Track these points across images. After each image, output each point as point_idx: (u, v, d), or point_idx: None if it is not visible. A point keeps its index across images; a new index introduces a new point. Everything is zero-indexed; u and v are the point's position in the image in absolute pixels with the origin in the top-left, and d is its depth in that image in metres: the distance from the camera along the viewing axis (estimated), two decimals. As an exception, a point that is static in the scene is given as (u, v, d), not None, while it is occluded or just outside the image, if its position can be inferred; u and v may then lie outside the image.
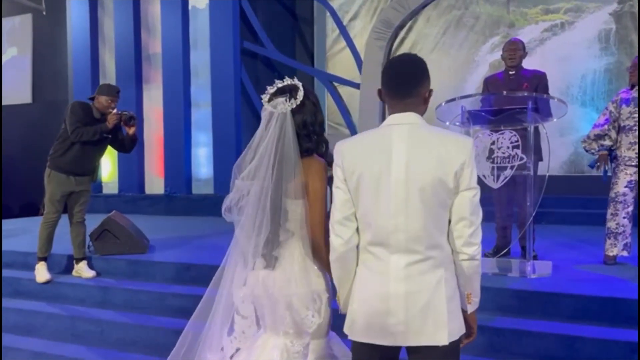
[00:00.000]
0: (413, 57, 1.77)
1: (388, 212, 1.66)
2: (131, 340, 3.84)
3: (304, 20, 9.27)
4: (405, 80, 1.72)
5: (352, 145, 1.76)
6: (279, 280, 1.92)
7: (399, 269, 1.66)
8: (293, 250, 1.94)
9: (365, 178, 1.69)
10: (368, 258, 1.72)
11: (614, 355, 2.89)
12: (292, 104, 1.92)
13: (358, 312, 1.71)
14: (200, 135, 8.51)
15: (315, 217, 1.90)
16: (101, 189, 8.99)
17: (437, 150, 1.66)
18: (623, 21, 6.89)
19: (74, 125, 4.33)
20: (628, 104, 4.08)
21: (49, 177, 4.49)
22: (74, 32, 9.07)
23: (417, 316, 1.65)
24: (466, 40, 7.76)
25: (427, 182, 1.64)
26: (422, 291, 1.65)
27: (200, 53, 8.41)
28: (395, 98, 1.73)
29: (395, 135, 1.69)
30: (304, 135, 1.93)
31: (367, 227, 1.71)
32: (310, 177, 1.90)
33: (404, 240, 1.66)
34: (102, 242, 4.83)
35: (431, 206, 1.65)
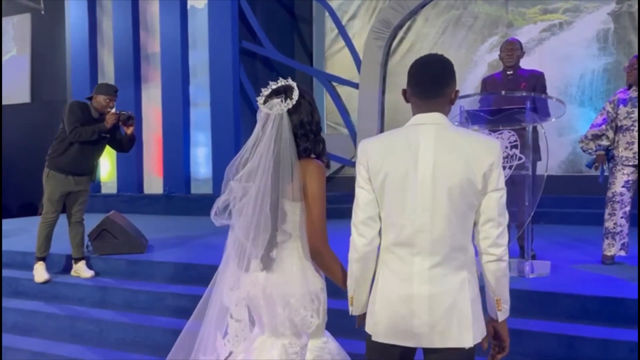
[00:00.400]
0: (441, 57, 1.76)
1: (414, 212, 1.65)
2: (130, 340, 3.85)
3: (302, 20, 9.27)
4: (433, 81, 1.72)
5: (377, 144, 1.75)
6: (276, 282, 1.92)
7: (423, 270, 1.65)
8: (291, 252, 1.93)
9: (391, 178, 1.67)
10: (391, 259, 1.70)
11: (612, 354, 2.90)
12: (288, 104, 1.91)
13: (381, 314, 1.70)
14: (199, 135, 8.50)
15: (314, 220, 1.89)
16: (100, 188, 8.98)
17: (465, 152, 1.65)
18: (621, 21, 6.90)
19: (72, 125, 4.32)
20: (625, 104, 4.08)
21: (48, 176, 4.49)
22: (73, 31, 9.05)
23: (442, 318, 1.64)
24: (465, 40, 7.76)
25: (454, 183, 1.63)
26: (446, 293, 1.65)
27: (199, 53, 8.40)
28: (422, 98, 1.72)
29: (422, 135, 1.68)
30: (301, 135, 1.92)
31: (391, 227, 1.69)
32: (309, 179, 1.89)
33: (429, 241, 1.65)
34: (101, 242, 4.83)
35: (458, 207, 1.65)
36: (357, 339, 2.09)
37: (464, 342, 1.65)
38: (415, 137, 1.68)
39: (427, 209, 1.64)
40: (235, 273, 1.97)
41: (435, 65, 1.74)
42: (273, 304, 1.92)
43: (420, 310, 1.64)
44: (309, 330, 1.92)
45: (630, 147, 4.03)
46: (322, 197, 1.90)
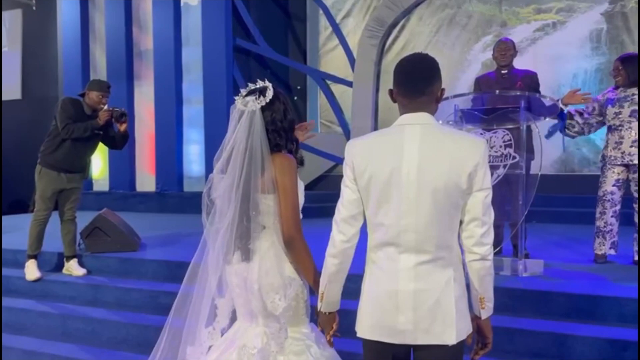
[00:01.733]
0: (425, 56, 1.77)
1: (398, 212, 1.67)
2: (122, 339, 3.83)
3: (296, 18, 9.25)
4: (418, 79, 1.72)
5: (363, 144, 1.77)
6: (255, 272, 2.01)
7: (408, 268, 1.68)
8: (266, 242, 2.03)
9: (377, 178, 1.69)
10: (378, 257, 1.73)
11: (605, 353, 2.92)
12: (261, 101, 2.01)
13: (367, 310, 1.74)
14: (191, 133, 8.47)
15: (288, 211, 1.98)
16: (92, 186, 8.92)
17: (451, 151, 1.66)
18: (614, 21, 6.93)
19: (64, 121, 4.29)
20: (613, 104, 4.11)
21: (40, 174, 4.45)
22: (65, 27, 8.98)
23: (426, 315, 1.66)
24: (459, 39, 7.77)
25: (439, 183, 1.64)
26: (431, 290, 1.67)
27: (192, 50, 8.36)
28: (407, 97, 1.73)
29: (408, 135, 1.69)
30: (272, 130, 2.01)
31: (378, 227, 1.72)
32: (279, 172, 1.98)
33: (414, 240, 1.67)
34: (93, 240, 4.80)
35: (443, 207, 1.66)
36: (351, 337, 2.09)
37: (447, 339, 1.67)
38: (400, 137, 1.70)
39: (412, 209, 1.66)
40: (217, 266, 2.05)
41: (419, 64, 1.74)
42: (251, 292, 2.02)
43: (404, 306, 1.67)
44: (277, 312, 1.99)
45: (619, 147, 4.05)
46: (292, 189, 2.00)
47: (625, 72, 4.06)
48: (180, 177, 8.42)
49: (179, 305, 2.13)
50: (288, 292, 2.00)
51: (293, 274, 2.04)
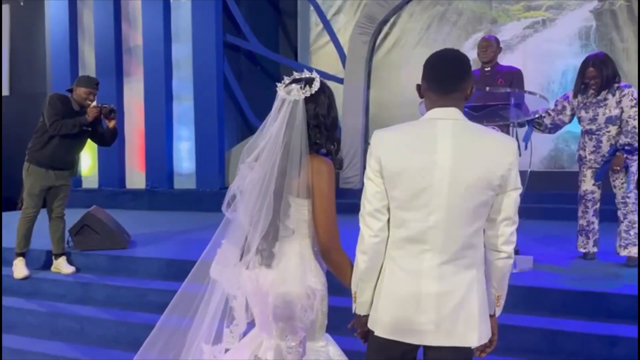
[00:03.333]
0: (458, 52, 1.75)
1: (428, 208, 1.62)
2: (112, 337, 3.80)
3: (287, 14, 9.21)
4: (451, 76, 1.70)
5: (392, 136, 1.71)
6: (273, 279, 1.86)
7: (432, 267, 1.64)
8: (291, 249, 1.87)
9: (407, 171, 1.64)
10: (399, 254, 1.68)
11: (594, 348, 2.94)
12: (306, 91, 1.87)
13: (385, 309, 1.69)
14: (182, 129, 8.42)
15: (324, 219, 1.83)
16: (81, 183, 8.85)
17: (485, 150, 1.64)
18: (603, 18, 6.97)
19: (52, 118, 4.24)
20: (587, 110, 4.06)
21: (28, 171, 4.41)
22: (53, 23, 8.88)
23: (449, 316, 1.63)
24: (449, 35, 7.78)
25: (472, 181, 1.61)
26: (455, 291, 1.63)
27: (182, 46, 8.30)
28: (439, 93, 1.69)
29: (440, 130, 1.65)
30: (314, 126, 1.86)
31: (403, 223, 1.66)
32: (316, 177, 1.83)
33: (441, 239, 1.63)
34: (82, 238, 4.76)
35: (473, 206, 1.63)
36: (342, 334, 2.08)
37: (470, 342, 1.65)
38: (432, 131, 1.66)
39: (443, 206, 1.62)
40: (235, 267, 1.90)
41: (452, 61, 1.72)
42: (267, 301, 1.87)
43: (427, 307, 1.63)
44: (302, 325, 1.86)
45: (597, 150, 4.06)
46: (329, 195, 1.84)
47: (601, 79, 3.95)
48: (170, 174, 8.37)
49: (181, 304, 1.97)
50: (311, 303, 1.85)
51: (316, 284, 1.87)
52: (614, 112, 3.97)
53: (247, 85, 8.57)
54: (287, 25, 9.23)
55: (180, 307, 1.97)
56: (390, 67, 8.06)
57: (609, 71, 3.99)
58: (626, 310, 3.14)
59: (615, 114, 3.97)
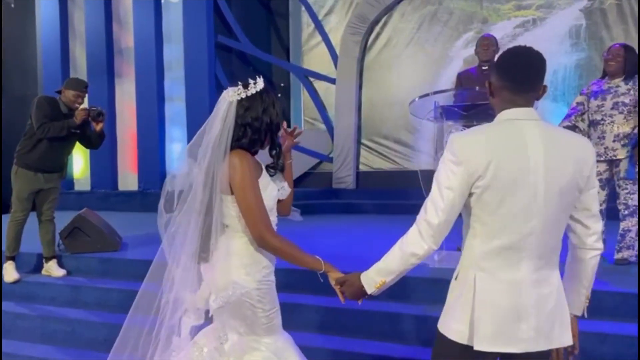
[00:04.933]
0: (535, 50, 1.70)
1: (526, 214, 1.58)
2: (103, 339, 3.78)
3: (279, 15, 9.21)
4: (532, 73, 1.66)
5: (477, 140, 1.62)
6: (208, 273, 1.95)
7: (530, 274, 1.61)
8: (223, 244, 1.94)
9: (501, 177, 1.57)
10: (494, 265, 1.62)
11: (583, 345, 2.93)
12: (240, 93, 1.94)
13: (485, 322, 1.61)
14: (174, 131, 8.41)
15: (249, 210, 1.87)
16: (73, 185, 8.82)
17: (572, 152, 1.62)
18: (593, 17, 7.01)
19: (40, 120, 4.21)
20: (596, 97, 3.99)
21: (16, 174, 4.38)
22: (44, 25, 8.85)
23: (547, 320, 1.62)
24: (440, 35, 7.81)
25: (564, 184, 1.60)
26: (550, 295, 1.64)
27: (173, 47, 8.29)
28: (518, 92, 1.64)
29: (527, 132, 1.60)
30: (240, 124, 1.92)
31: (497, 231, 1.60)
32: (231, 170, 1.87)
33: (536, 245, 1.60)
34: (73, 240, 4.73)
35: (564, 208, 1.63)
36: (332, 334, 2.08)
37: (566, 342, 1.66)
38: (520, 134, 1.60)
39: (540, 211, 1.58)
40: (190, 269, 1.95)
41: (535, 59, 1.67)
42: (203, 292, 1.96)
43: (527, 315, 1.61)
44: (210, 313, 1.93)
45: (601, 142, 3.94)
46: (243, 186, 1.87)
47: (623, 61, 3.90)
48: (162, 176, 8.33)
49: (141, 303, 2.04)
50: (224, 294, 1.91)
51: (247, 281, 1.92)
52: (622, 99, 3.88)
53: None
54: (278, 25, 9.24)
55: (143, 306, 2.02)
56: (382, 67, 8.08)
57: (632, 55, 3.91)
58: (615, 307, 3.16)
59: (624, 101, 3.87)
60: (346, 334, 3.32)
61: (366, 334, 3.31)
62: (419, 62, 7.76)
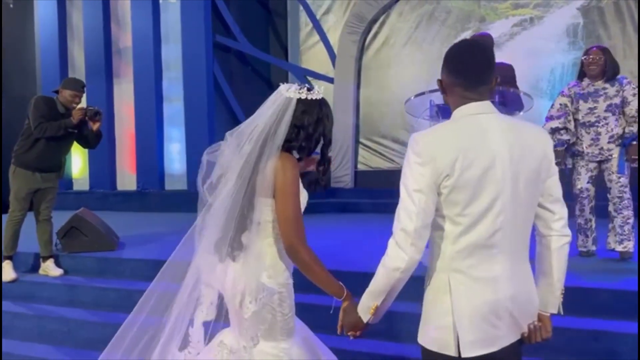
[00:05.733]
0: (481, 43, 1.67)
1: (495, 210, 1.54)
2: (100, 339, 3.73)
3: (277, 14, 9.22)
4: (482, 67, 1.62)
5: (441, 138, 1.58)
6: (231, 276, 1.88)
7: (505, 271, 1.58)
8: (254, 244, 1.87)
9: (469, 175, 1.52)
10: (469, 264, 1.56)
11: (576, 343, 2.96)
12: (302, 93, 1.89)
13: (464, 325, 1.55)
14: (172, 131, 8.42)
15: (286, 214, 1.81)
16: (72, 185, 8.83)
17: (532, 140, 1.60)
18: (590, 16, 7.01)
19: (37, 120, 4.23)
20: (586, 99, 4.02)
21: (14, 173, 4.40)
22: (42, 25, 8.87)
23: (519, 313, 1.61)
24: (438, 34, 7.81)
25: (529, 174, 1.58)
26: (524, 290, 1.62)
27: (171, 47, 8.30)
28: (471, 86, 1.60)
29: (488, 126, 1.57)
30: (294, 125, 1.87)
31: (468, 229, 1.55)
32: (280, 170, 1.82)
33: (509, 239, 1.57)
34: (70, 240, 4.75)
35: (530, 200, 1.60)
36: (330, 333, 2.08)
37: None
38: (481, 129, 1.57)
39: (508, 204, 1.55)
40: (213, 263, 1.91)
41: (481, 52, 1.64)
42: (229, 295, 1.90)
43: (505, 313, 1.58)
44: (246, 316, 1.85)
45: (596, 143, 3.99)
46: (288, 192, 1.81)
47: (604, 63, 3.96)
48: (161, 176, 8.36)
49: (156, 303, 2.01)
50: (259, 297, 1.83)
51: (270, 283, 1.86)
52: (614, 101, 3.93)
53: (238, 85, 8.57)
54: (277, 25, 9.24)
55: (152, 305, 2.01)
56: (380, 66, 8.09)
57: (610, 57, 3.98)
58: (608, 305, 3.17)
59: (615, 102, 3.93)
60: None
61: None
62: (416, 61, 7.76)
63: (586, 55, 4.08)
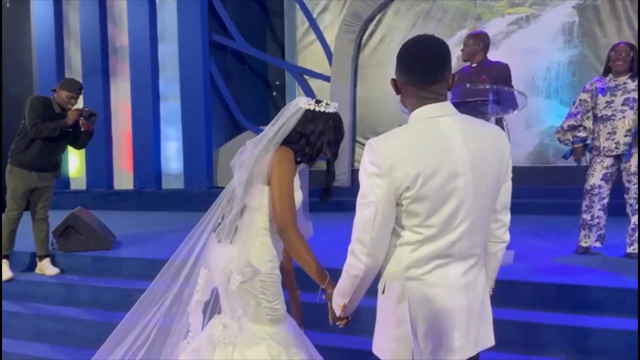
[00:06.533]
0: (433, 37, 1.55)
1: (455, 220, 1.48)
2: (96, 338, 3.75)
3: (274, 13, 9.22)
4: (431, 65, 1.51)
5: (399, 146, 1.47)
6: (226, 258, 2.03)
7: (458, 277, 1.52)
8: (246, 224, 2.04)
9: (429, 187, 1.44)
10: (424, 271, 1.50)
11: (569, 340, 2.98)
12: (310, 105, 2.07)
13: (420, 334, 1.51)
14: (169, 130, 8.42)
15: (276, 202, 1.96)
16: (69, 185, 8.83)
17: (491, 143, 1.54)
18: (586, 14, 7.02)
19: (33, 120, 4.25)
20: (604, 94, 3.99)
21: (10, 173, 4.41)
22: (39, 25, 8.86)
23: (474, 324, 1.56)
24: (434, 33, 7.53)
25: (490, 180, 1.52)
26: (478, 296, 1.57)
27: (168, 46, 8.30)
28: (420, 86, 1.51)
29: (447, 130, 1.49)
30: (297, 131, 2.05)
31: (430, 239, 1.48)
32: (277, 161, 1.98)
33: (467, 246, 1.52)
34: (66, 239, 4.76)
35: (489, 206, 1.55)
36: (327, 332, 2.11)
37: (490, 342, 1.63)
38: (441, 134, 1.48)
39: (469, 214, 1.49)
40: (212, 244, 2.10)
41: (434, 47, 1.53)
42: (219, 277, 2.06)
43: (460, 319, 1.52)
44: (234, 287, 1.99)
45: (612, 137, 3.95)
46: (284, 180, 1.97)
47: (631, 60, 3.91)
48: (158, 175, 8.36)
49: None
50: (245, 270, 1.98)
51: (258, 264, 2.01)
52: (632, 95, 3.90)
53: (235, 84, 8.57)
54: (273, 23, 9.24)
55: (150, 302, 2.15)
56: (376, 65, 8.09)
57: (638, 54, 3.93)
58: (600, 302, 3.19)
59: (633, 97, 3.90)
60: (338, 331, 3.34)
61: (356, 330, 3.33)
62: None
63: (613, 51, 4.02)
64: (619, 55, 3.97)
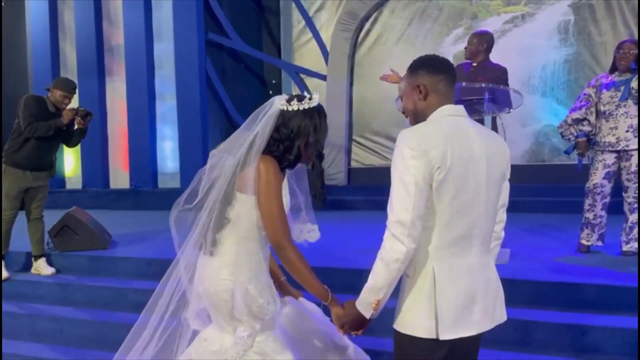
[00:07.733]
0: None
1: (474, 203, 1.68)
2: (92, 337, 3.79)
3: (270, 12, 9.21)
4: (454, 72, 1.81)
5: (429, 133, 1.65)
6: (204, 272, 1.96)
7: (478, 258, 1.72)
8: (227, 240, 1.93)
9: (456, 169, 1.62)
10: (449, 253, 1.67)
11: (565, 338, 2.99)
12: (283, 105, 1.92)
13: (445, 309, 1.64)
14: (165, 128, 8.40)
15: (266, 214, 1.85)
16: (64, 184, 8.81)
17: (496, 144, 1.77)
18: (581, 13, 7.04)
19: (27, 120, 4.23)
20: (609, 89, 4.00)
21: (5, 173, 4.39)
22: (33, 24, 8.83)
23: (491, 301, 1.74)
24: (430, 31, 7.82)
25: (499, 172, 1.75)
26: (493, 277, 1.77)
27: (164, 44, 8.28)
28: (452, 80, 1.76)
29: (467, 127, 1.72)
30: (275, 137, 1.91)
31: (452, 222, 1.65)
32: (262, 171, 1.85)
33: (482, 231, 1.72)
34: (62, 239, 4.74)
35: (496, 198, 1.77)
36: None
37: (504, 317, 1.81)
38: (461, 126, 1.70)
39: (484, 199, 1.70)
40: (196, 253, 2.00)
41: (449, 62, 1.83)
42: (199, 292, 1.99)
43: (479, 297, 1.70)
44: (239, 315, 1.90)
45: (613, 132, 3.94)
46: (271, 191, 1.85)
47: (633, 57, 3.91)
48: (154, 174, 8.35)
49: None
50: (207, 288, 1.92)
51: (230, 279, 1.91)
52: (634, 90, 3.90)
53: (231, 83, 8.56)
54: (269, 22, 9.23)
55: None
56: (372, 63, 8.09)
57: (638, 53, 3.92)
58: (596, 299, 3.20)
59: (635, 90, 3.89)
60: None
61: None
62: (409, 58, 7.52)
63: (619, 50, 4.02)
64: (622, 53, 3.97)
